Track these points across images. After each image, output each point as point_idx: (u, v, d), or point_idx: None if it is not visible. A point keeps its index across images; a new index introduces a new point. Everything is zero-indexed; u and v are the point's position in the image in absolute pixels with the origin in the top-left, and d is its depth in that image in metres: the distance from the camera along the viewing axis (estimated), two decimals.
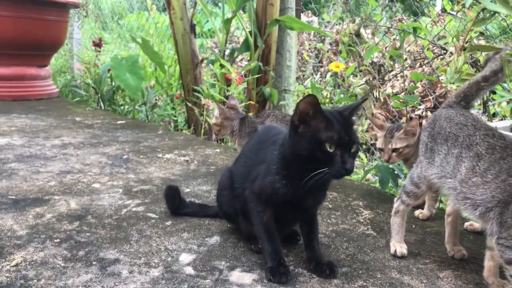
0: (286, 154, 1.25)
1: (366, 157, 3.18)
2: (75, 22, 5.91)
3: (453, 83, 1.08)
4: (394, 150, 1.74)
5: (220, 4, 4.28)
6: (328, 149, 1.16)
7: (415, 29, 2.07)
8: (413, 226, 1.69)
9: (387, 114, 4.14)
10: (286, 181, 1.24)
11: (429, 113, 4.04)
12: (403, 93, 4.25)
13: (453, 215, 1.40)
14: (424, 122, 3.12)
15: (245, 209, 1.39)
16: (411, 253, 1.46)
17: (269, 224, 1.31)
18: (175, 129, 3.87)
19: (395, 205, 1.44)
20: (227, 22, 3.69)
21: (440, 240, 1.54)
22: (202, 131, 3.54)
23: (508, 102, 2.80)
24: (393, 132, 1.73)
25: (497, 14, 1.44)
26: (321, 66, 5.13)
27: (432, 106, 3.96)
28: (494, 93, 3.19)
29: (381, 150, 1.78)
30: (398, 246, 1.42)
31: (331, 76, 3.49)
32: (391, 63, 3.82)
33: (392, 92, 4.14)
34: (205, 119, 3.38)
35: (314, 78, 4.91)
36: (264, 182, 1.29)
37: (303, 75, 5.10)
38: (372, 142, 3.53)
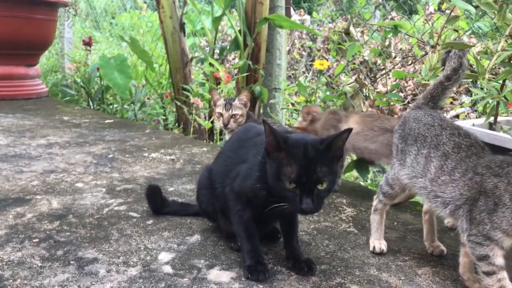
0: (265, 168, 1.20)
1: None
2: (65, 21, 5.88)
3: (428, 80, 1.08)
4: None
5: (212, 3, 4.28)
6: (287, 186, 1.11)
7: (396, 27, 2.07)
8: (395, 224, 1.69)
9: (378, 112, 4.15)
10: (266, 191, 1.21)
11: None
12: (395, 91, 4.27)
13: (429, 213, 1.41)
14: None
15: (224, 208, 1.39)
16: (391, 250, 1.46)
17: (248, 222, 1.31)
18: (165, 128, 3.86)
19: (374, 203, 1.45)
20: (216, 21, 3.68)
21: (421, 237, 1.54)
22: (192, 129, 3.54)
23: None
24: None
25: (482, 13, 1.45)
26: (313, 65, 5.13)
27: None
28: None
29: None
30: (377, 242, 1.43)
31: (323, 74, 3.49)
32: (380, 61, 3.82)
33: (387, 90, 4.14)
34: (194, 117, 3.37)
35: (306, 77, 4.92)
36: (245, 184, 1.28)
37: (294, 74, 5.10)
38: None
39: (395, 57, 4.07)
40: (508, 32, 1.05)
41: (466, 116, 3.28)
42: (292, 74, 5.14)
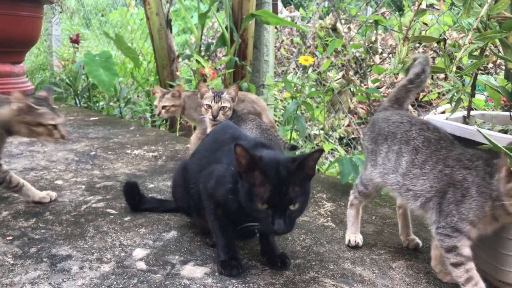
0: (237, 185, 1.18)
1: (347, 151, 3.18)
2: (53, 19, 5.83)
3: (397, 74, 1.09)
4: (163, 107, 2.34)
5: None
6: (259, 206, 1.10)
7: (376, 21, 2.07)
8: (373, 218, 1.69)
9: (368, 108, 4.15)
10: (239, 203, 1.18)
11: (410, 107, 4.07)
12: (384, 87, 4.27)
13: (403, 207, 1.41)
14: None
15: (198, 207, 1.37)
16: (367, 244, 1.47)
17: (222, 219, 1.30)
18: (152, 125, 3.84)
19: (351, 198, 1.47)
20: (202, 17, 3.67)
21: (398, 231, 1.55)
22: (178, 126, 3.52)
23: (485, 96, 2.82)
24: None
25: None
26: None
27: (416, 99, 3.98)
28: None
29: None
30: (353, 236, 1.43)
31: (314, 70, 3.48)
32: (365, 56, 3.82)
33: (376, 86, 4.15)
34: None
35: (296, 73, 4.91)
36: (217, 191, 1.25)
37: (284, 71, 5.09)
38: (352, 136, 3.54)
39: (381, 52, 4.07)
40: (476, 25, 1.05)
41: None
42: (282, 71, 5.13)
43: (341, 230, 1.56)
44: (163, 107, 2.36)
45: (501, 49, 1.17)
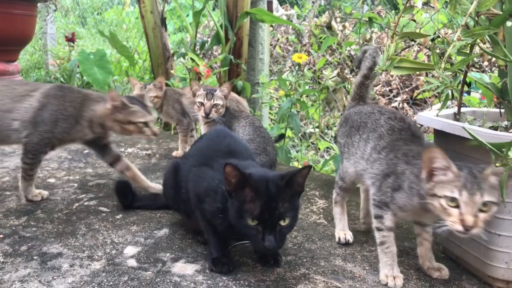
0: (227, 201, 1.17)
1: None
2: (48, 17, 5.81)
3: (386, 70, 1.09)
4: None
5: None
6: (250, 223, 1.10)
7: (370, 19, 2.07)
8: None
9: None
10: (228, 222, 1.17)
11: (405, 105, 4.08)
12: (380, 85, 4.27)
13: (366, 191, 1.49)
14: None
15: (189, 209, 1.36)
16: (359, 241, 1.47)
17: None
18: None
19: (333, 196, 1.51)
20: (196, 15, 3.66)
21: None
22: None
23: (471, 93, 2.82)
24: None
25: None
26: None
27: (409, 97, 3.99)
28: (469, 85, 3.23)
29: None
30: (342, 233, 1.44)
31: (309, 69, 3.48)
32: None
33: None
34: None
35: (293, 72, 4.91)
36: (206, 202, 1.24)
37: (280, 69, 5.09)
38: None
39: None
40: (465, 22, 1.05)
41: (448, 107, 3.30)
42: (279, 69, 5.13)
43: (333, 227, 1.56)
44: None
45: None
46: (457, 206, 1.00)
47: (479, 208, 0.99)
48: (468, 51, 1.22)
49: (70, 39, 4.70)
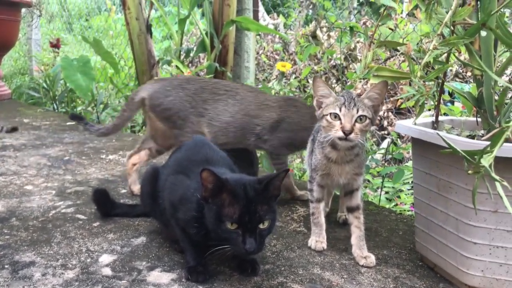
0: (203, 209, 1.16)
1: None
2: (33, 22, 5.75)
3: (363, 79, 1.09)
4: None
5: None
6: (229, 227, 1.10)
7: (351, 28, 2.09)
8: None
9: None
10: (205, 231, 1.16)
11: (390, 114, 4.11)
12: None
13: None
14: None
15: (166, 218, 1.34)
16: (338, 249, 1.46)
17: None
18: (131, 130, 3.80)
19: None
20: (181, 22, 3.66)
21: (370, 236, 1.55)
22: None
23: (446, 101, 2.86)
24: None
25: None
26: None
27: (394, 107, 4.02)
28: (451, 94, 3.27)
29: None
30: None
31: (295, 78, 3.49)
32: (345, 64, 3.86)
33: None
34: None
35: (281, 80, 4.92)
36: (180, 211, 1.22)
37: (266, 77, 5.10)
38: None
39: (361, 60, 4.11)
40: (440, 31, 1.07)
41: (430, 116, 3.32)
42: (266, 78, 5.14)
43: None
44: None
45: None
46: (340, 120, 1.27)
47: (355, 120, 1.27)
48: (444, 60, 1.24)
49: (55, 45, 4.65)
